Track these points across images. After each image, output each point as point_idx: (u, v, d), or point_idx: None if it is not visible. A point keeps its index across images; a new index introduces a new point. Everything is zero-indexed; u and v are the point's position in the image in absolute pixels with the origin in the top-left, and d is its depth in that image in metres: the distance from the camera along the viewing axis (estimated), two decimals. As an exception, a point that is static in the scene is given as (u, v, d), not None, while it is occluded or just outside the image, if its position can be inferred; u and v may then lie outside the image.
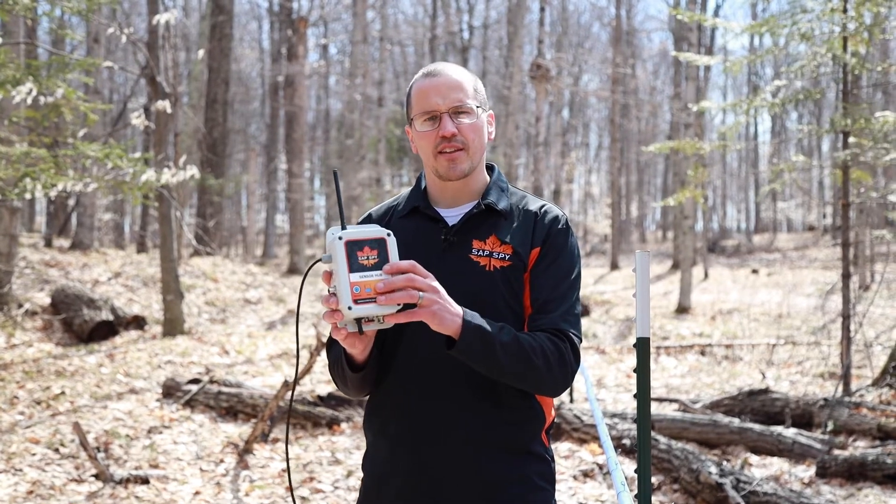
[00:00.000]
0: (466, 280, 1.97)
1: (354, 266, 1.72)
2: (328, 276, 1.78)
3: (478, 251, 2.01)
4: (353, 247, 1.73)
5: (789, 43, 8.19)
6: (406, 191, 2.19)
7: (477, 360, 1.84)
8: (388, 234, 1.77)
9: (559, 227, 2.05)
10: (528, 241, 2.02)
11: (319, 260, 1.79)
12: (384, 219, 2.15)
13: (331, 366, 2.05)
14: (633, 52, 34.93)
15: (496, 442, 1.97)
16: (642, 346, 2.42)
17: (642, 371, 2.43)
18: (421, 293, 1.73)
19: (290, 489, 1.93)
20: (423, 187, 2.14)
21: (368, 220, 2.16)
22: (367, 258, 1.74)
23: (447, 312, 1.77)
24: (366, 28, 20.76)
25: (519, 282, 2.00)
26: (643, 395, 2.43)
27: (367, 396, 2.11)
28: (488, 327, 1.83)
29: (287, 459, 1.96)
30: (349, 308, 1.70)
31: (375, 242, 1.76)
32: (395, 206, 2.17)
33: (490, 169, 2.16)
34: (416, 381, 1.99)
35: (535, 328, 1.96)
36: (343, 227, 1.76)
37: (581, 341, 2.00)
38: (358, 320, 1.75)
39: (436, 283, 1.78)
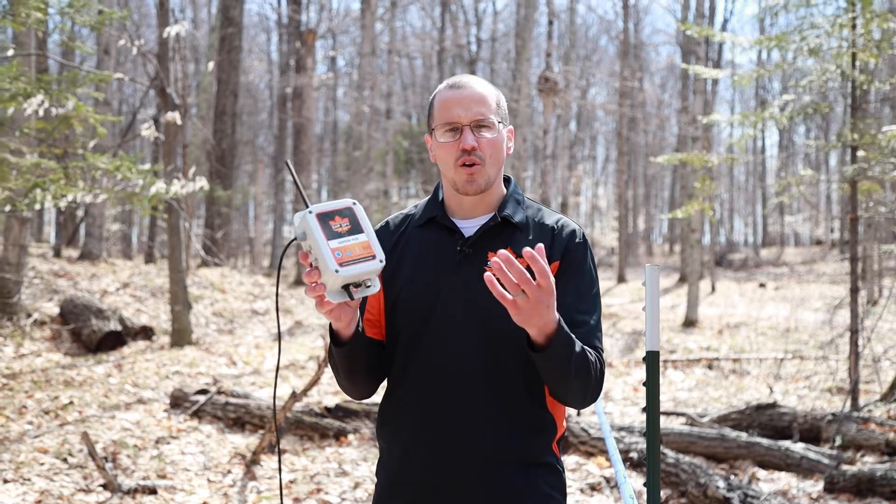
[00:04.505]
0: (481, 292, 1.98)
1: (330, 234, 1.75)
2: (305, 255, 1.79)
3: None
4: (324, 218, 1.76)
5: (797, 57, 8.20)
6: (423, 200, 2.19)
7: (553, 367, 1.84)
8: (354, 203, 1.80)
9: (577, 241, 2.05)
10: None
11: (294, 239, 1.80)
12: (400, 227, 2.15)
13: (328, 357, 2.05)
14: (640, 65, 34.95)
15: (508, 452, 1.98)
16: (652, 360, 2.43)
17: (652, 384, 2.43)
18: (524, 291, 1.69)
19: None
20: (440, 198, 2.14)
21: (386, 227, 2.17)
22: (340, 226, 1.76)
23: (545, 316, 1.74)
24: (374, 40, 20.84)
25: None
26: (652, 408, 2.43)
27: (366, 398, 2.10)
28: (573, 336, 1.84)
29: (279, 466, 1.97)
30: (336, 271, 1.71)
31: (344, 211, 1.78)
32: (412, 216, 2.17)
33: (507, 181, 2.15)
34: (429, 390, 2.00)
35: None
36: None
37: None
38: (346, 287, 1.77)
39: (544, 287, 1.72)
